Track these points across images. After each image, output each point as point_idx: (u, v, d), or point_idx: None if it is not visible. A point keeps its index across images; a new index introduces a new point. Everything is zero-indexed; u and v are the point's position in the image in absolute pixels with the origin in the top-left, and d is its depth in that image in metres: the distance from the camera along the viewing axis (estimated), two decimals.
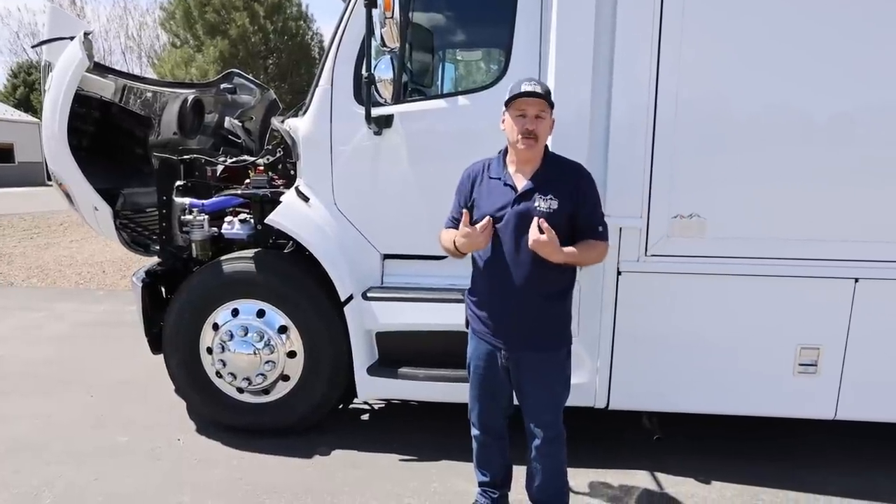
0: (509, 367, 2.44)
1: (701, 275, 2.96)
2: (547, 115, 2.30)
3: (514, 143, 2.31)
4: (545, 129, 2.31)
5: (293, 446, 3.36)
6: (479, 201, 2.39)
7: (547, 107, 2.28)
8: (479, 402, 2.57)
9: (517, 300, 2.35)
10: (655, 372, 3.09)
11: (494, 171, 2.40)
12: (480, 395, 2.56)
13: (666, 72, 2.80)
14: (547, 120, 2.30)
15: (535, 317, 2.37)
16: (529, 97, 2.24)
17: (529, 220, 2.23)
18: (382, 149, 3.21)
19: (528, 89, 2.24)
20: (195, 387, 3.52)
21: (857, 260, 2.87)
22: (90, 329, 5.32)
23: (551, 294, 2.37)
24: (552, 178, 2.33)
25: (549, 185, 2.30)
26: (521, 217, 2.29)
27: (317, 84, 3.28)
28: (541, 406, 2.46)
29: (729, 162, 2.87)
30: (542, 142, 2.32)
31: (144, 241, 4.04)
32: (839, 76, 2.76)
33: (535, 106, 2.25)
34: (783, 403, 3.09)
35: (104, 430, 3.60)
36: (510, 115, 2.30)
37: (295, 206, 3.29)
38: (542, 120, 2.27)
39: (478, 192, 2.40)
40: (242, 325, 3.35)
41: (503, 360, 2.44)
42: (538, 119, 2.26)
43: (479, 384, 2.54)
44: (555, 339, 2.43)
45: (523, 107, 2.26)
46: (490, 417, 2.59)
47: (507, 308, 2.38)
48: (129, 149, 3.95)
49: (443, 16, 3.47)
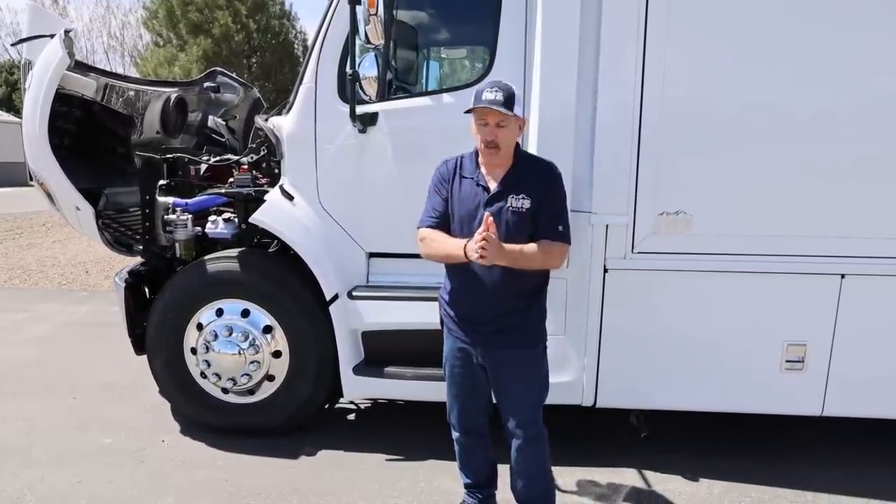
0: (485, 366, 2.43)
1: (687, 271, 2.96)
2: (509, 122, 2.22)
3: (480, 150, 2.31)
4: (508, 137, 2.26)
5: (279, 446, 3.33)
6: (452, 200, 2.37)
7: (509, 115, 2.20)
8: (458, 401, 2.54)
9: (489, 299, 2.34)
10: (643, 370, 3.08)
11: (468, 171, 2.37)
12: (458, 395, 2.53)
13: (651, 69, 2.79)
14: (509, 127, 2.24)
15: (506, 315, 2.35)
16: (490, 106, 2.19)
17: (501, 220, 2.24)
18: (367, 147, 3.18)
19: (487, 98, 2.19)
20: (179, 387, 3.47)
21: (844, 256, 2.87)
22: (73, 330, 5.25)
23: (522, 292, 2.36)
24: (523, 178, 2.31)
25: (520, 184, 2.29)
26: (493, 217, 2.25)
27: (301, 82, 3.24)
28: (519, 404, 2.45)
29: (715, 158, 2.87)
30: (507, 148, 2.29)
31: (127, 241, 3.97)
32: (824, 72, 2.77)
33: (495, 116, 2.20)
34: (770, 400, 3.09)
35: (88, 432, 3.55)
36: (474, 121, 2.28)
37: (279, 204, 3.26)
38: (503, 129, 2.22)
39: (452, 192, 2.38)
40: (227, 325, 3.31)
41: (478, 359, 2.42)
42: (499, 128, 2.22)
43: (457, 384, 2.51)
44: (529, 336, 2.41)
45: (484, 116, 2.22)
46: (469, 417, 2.56)
47: (479, 306, 2.37)
48: (110, 148, 3.88)
49: (427, 13, 3.45)
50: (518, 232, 2.28)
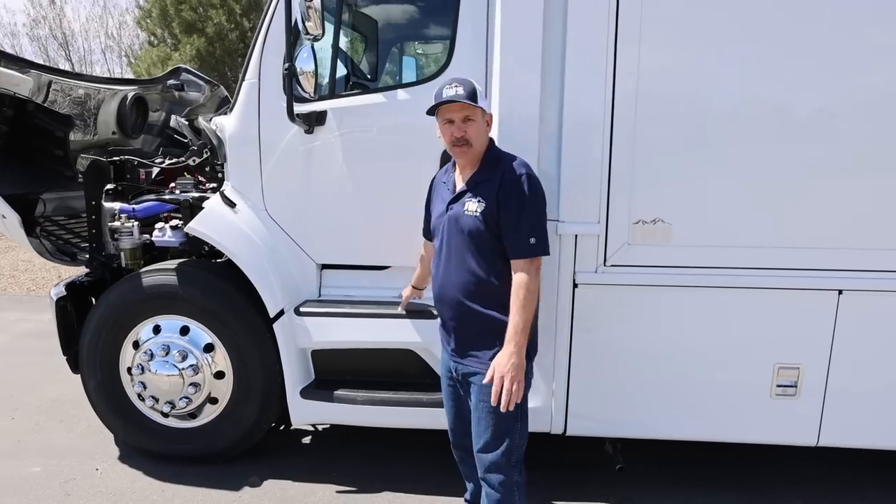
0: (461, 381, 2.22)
1: (666, 286, 2.65)
2: (477, 115, 2.07)
3: (450, 151, 2.13)
4: (478, 131, 2.09)
5: (221, 476, 3.05)
6: (431, 208, 2.34)
7: (475, 108, 2.04)
8: (448, 415, 2.41)
9: (453, 310, 2.17)
10: (617, 395, 2.78)
11: (446, 175, 2.28)
12: (448, 409, 2.40)
13: (624, 60, 2.49)
14: (477, 121, 2.08)
15: (471, 328, 2.14)
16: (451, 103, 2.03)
17: (460, 224, 2.10)
18: (315, 148, 2.89)
19: (448, 95, 2.04)
20: (116, 410, 3.19)
21: (841, 270, 2.56)
22: (30, 341, 4.98)
23: (487, 305, 2.10)
24: (485, 179, 2.10)
25: (479, 185, 2.09)
26: (452, 221, 2.14)
27: (243, 78, 2.96)
28: (482, 438, 2.15)
29: (697, 161, 2.56)
30: (479, 144, 2.11)
31: (71, 249, 3.71)
32: (823, 67, 2.44)
33: (460, 110, 2.05)
34: (760, 429, 2.78)
35: (18, 458, 3.27)
36: (439, 122, 2.13)
37: (218, 211, 2.97)
38: (472, 122, 2.07)
39: (432, 199, 2.35)
40: (163, 344, 3.03)
41: (454, 372, 2.23)
42: (467, 122, 2.06)
43: (446, 396, 2.38)
44: (493, 356, 2.07)
45: (448, 113, 2.08)
46: (458, 435, 2.39)
47: (446, 316, 2.22)
48: (47, 150, 3.62)
49: (380, 3, 3.16)
50: (476, 242, 2.06)
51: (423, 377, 2.90)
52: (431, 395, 2.81)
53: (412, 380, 2.93)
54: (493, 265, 2.08)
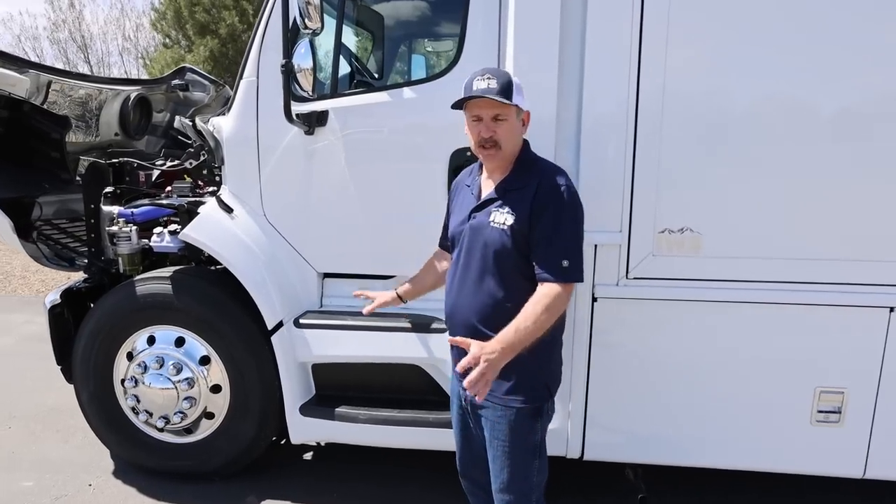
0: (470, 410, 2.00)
1: (695, 301, 2.43)
2: (510, 113, 1.82)
3: (476, 153, 1.90)
4: (509, 132, 1.84)
5: (217, 495, 2.91)
6: (451, 214, 2.10)
7: (507, 105, 1.79)
8: (457, 442, 2.18)
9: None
10: (639, 418, 2.56)
11: (471, 177, 2.02)
12: (456, 436, 2.17)
13: (649, 56, 2.27)
14: (510, 120, 1.83)
15: None
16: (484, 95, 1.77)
17: (483, 236, 1.85)
18: (316, 150, 2.72)
19: (479, 88, 1.78)
20: (109, 423, 3.05)
21: (893, 285, 2.30)
22: (34, 345, 4.87)
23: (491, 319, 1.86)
24: (517, 187, 1.85)
25: (510, 194, 1.84)
26: (475, 232, 1.89)
27: (241, 76, 2.80)
28: (499, 478, 1.95)
29: (730, 163, 2.32)
30: (510, 146, 1.86)
31: (69, 254, 3.59)
32: (881, 61, 2.20)
33: (490, 107, 1.80)
34: (798, 459, 2.54)
35: (10, 471, 3.15)
36: (466, 118, 1.88)
37: (214, 217, 2.82)
38: (503, 122, 1.82)
39: (453, 203, 2.10)
40: (157, 356, 2.88)
41: (464, 401, 2.02)
42: (497, 121, 1.81)
43: (455, 423, 2.16)
44: (508, 391, 1.88)
45: (476, 109, 1.83)
46: (466, 465, 2.18)
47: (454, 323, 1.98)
48: (43, 152, 3.51)
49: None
50: (500, 259, 1.82)
51: (430, 394, 2.71)
52: (438, 415, 2.62)
53: (418, 396, 2.75)
54: (516, 288, 1.83)
